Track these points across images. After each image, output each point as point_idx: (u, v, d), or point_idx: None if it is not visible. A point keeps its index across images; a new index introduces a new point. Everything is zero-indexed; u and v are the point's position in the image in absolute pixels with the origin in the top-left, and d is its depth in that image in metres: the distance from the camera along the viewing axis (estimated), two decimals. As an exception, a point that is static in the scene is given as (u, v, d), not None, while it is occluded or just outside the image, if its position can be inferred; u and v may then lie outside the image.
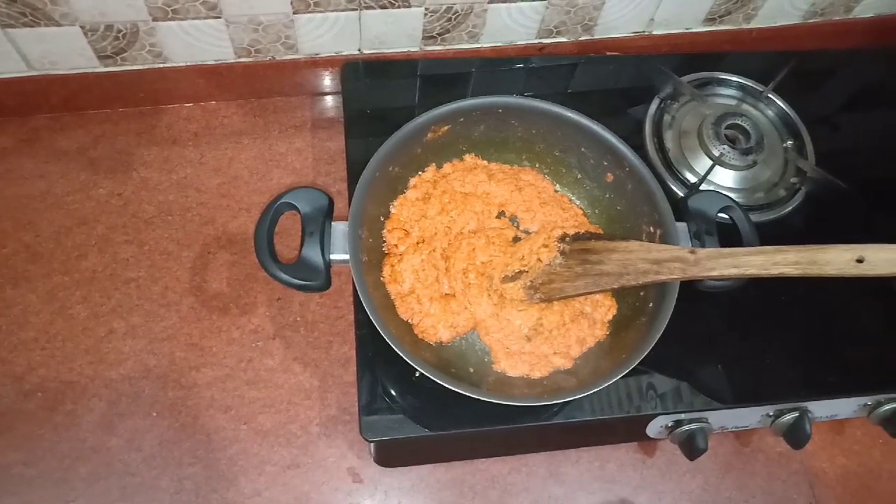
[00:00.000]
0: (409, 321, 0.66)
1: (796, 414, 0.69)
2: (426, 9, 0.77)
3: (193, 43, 0.77)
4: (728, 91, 0.83)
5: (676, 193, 0.75)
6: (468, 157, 0.72)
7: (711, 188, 0.75)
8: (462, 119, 0.67)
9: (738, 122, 0.77)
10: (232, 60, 0.81)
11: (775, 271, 0.53)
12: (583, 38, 0.86)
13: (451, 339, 0.66)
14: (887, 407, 0.69)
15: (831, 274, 0.51)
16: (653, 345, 0.59)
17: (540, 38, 0.85)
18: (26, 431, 0.70)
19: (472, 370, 0.65)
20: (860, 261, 0.51)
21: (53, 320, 0.74)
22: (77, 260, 0.77)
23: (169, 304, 0.76)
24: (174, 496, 0.69)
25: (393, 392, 0.65)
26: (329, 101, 0.88)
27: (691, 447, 0.68)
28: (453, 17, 0.79)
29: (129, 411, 0.71)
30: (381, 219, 0.68)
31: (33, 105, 0.82)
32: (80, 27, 0.72)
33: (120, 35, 0.74)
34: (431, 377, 0.57)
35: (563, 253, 0.66)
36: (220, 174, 0.82)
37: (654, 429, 0.70)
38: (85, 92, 0.81)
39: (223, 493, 0.69)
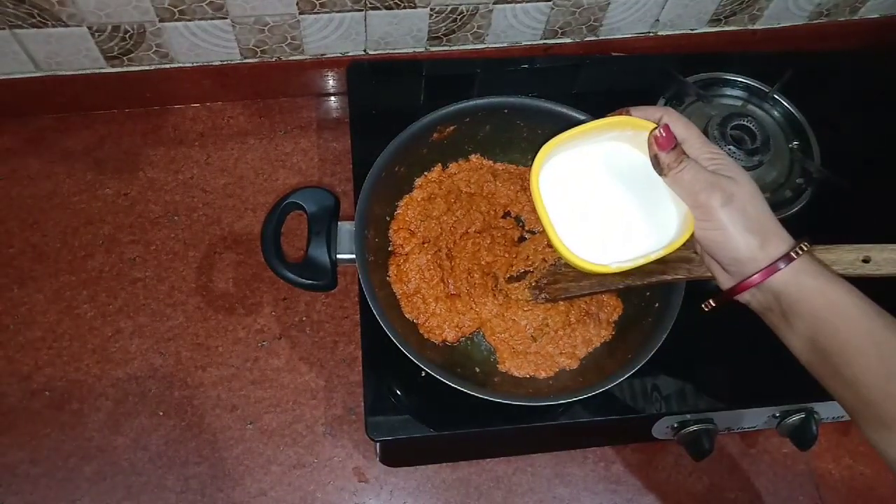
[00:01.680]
0: (415, 321, 0.66)
1: (803, 415, 0.68)
2: (431, 9, 0.77)
3: (199, 44, 0.77)
4: (733, 92, 0.83)
5: (682, 194, 0.75)
6: (474, 158, 0.72)
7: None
8: (468, 119, 0.68)
9: (744, 122, 0.77)
10: (238, 61, 0.81)
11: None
12: (588, 38, 0.86)
13: (456, 339, 0.66)
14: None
15: (836, 274, 0.51)
16: (659, 345, 0.59)
17: (545, 38, 0.85)
18: (32, 430, 0.70)
19: (477, 370, 0.65)
20: (866, 261, 0.51)
21: (60, 320, 0.74)
22: (83, 260, 0.77)
23: (175, 304, 0.76)
24: (180, 495, 0.69)
25: (398, 392, 0.65)
26: (334, 101, 0.88)
27: (697, 448, 0.68)
28: (458, 17, 0.79)
29: (135, 410, 0.71)
30: (387, 219, 0.68)
31: (39, 105, 0.82)
32: (88, 28, 0.72)
33: (127, 36, 0.74)
34: (437, 377, 0.57)
35: (568, 253, 0.66)
36: (225, 174, 0.83)
37: (659, 429, 0.70)
38: (91, 92, 0.81)
39: (229, 492, 0.69)
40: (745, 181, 0.47)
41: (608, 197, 0.53)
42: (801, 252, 0.46)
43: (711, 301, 0.53)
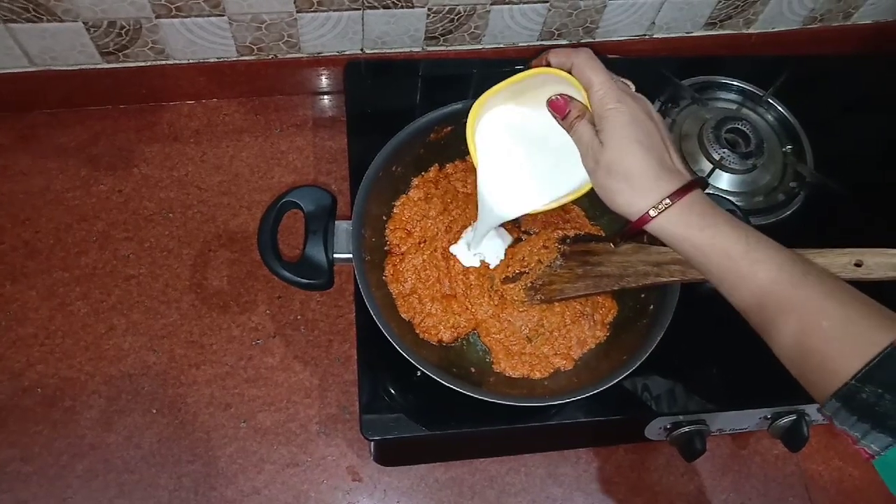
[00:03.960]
0: (411, 321, 0.66)
1: (794, 417, 0.69)
2: (429, 9, 0.77)
3: (196, 40, 0.77)
4: (728, 95, 0.84)
5: (676, 196, 0.75)
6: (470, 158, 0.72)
7: (711, 192, 0.76)
8: (464, 120, 0.67)
9: (738, 126, 0.78)
10: (234, 58, 0.81)
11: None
12: (584, 40, 0.86)
13: (452, 340, 0.66)
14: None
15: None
16: (653, 347, 0.60)
17: (542, 40, 0.85)
18: (24, 428, 0.69)
19: (472, 370, 0.65)
20: (858, 265, 0.52)
21: (53, 316, 0.74)
22: (77, 256, 0.77)
23: (169, 302, 0.75)
24: (173, 494, 0.69)
25: (393, 391, 0.65)
26: (330, 100, 0.88)
27: (689, 449, 0.68)
28: (456, 17, 0.79)
29: (128, 408, 0.71)
30: (384, 218, 0.68)
31: (33, 101, 0.82)
32: (83, 23, 0.72)
33: (122, 32, 0.74)
34: (433, 376, 0.57)
35: (563, 254, 0.67)
36: (221, 172, 0.82)
37: (652, 430, 0.70)
38: (85, 88, 0.81)
39: (222, 490, 0.69)
40: (614, 145, 0.49)
41: (532, 150, 0.57)
42: (657, 210, 0.47)
43: (612, 244, 0.62)
